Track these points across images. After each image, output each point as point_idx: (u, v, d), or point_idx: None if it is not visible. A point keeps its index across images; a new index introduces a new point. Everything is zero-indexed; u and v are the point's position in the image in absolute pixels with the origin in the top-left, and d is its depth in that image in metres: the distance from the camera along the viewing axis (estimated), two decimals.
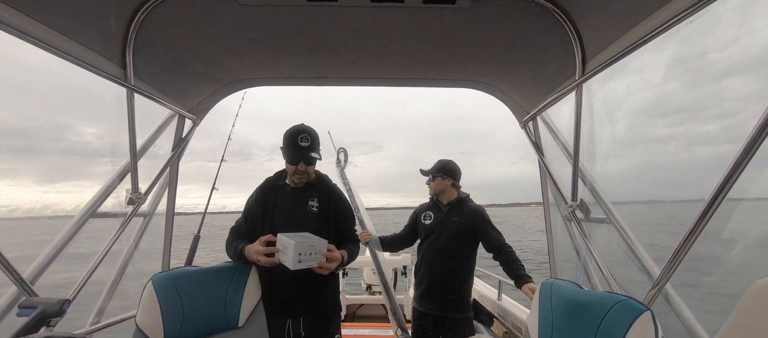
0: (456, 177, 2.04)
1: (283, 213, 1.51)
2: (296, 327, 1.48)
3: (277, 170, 1.65)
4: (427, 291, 1.97)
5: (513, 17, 1.32)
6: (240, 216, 1.61)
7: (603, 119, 1.52)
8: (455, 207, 2.00)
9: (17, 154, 2.37)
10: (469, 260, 1.97)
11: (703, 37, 1.05)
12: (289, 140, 1.46)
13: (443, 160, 2.08)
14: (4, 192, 1.50)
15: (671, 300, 1.19)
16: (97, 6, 1.20)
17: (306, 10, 1.28)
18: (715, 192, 0.93)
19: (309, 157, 1.44)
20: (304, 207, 1.52)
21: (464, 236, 1.93)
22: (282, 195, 1.55)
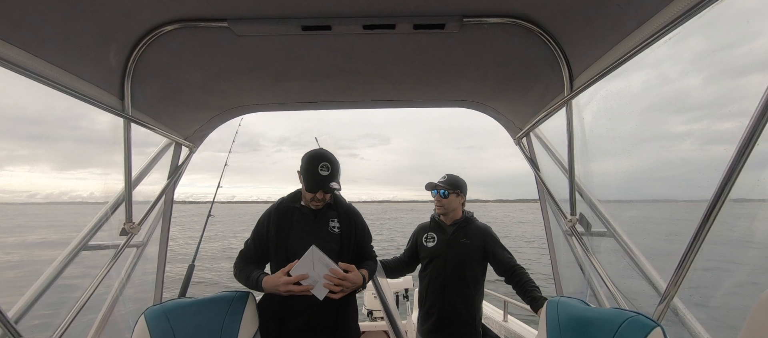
0: (466, 193, 1.87)
1: (300, 234, 1.44)
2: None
3: (291, 192, 1.59)
4: (438, 324, 1.78)
5: (500, 39, 1.37)
6: (248, 240, 1.53)
7: (594, 132, 1.55)
8: (461, 228, 1.83)
9: (35, 141, 2.30)
10: (479, 285, 1.82)
11: (687, 47, 1.09)
12: (308, 166, 1.41)
13: (454, 176, 1.86)
14: (26, 177, 1.43)
15: (681, 315, 1.16)
16: (97, 41, 1.23)
17: (301, 38, 1.32)
18: (715, 197, 0.93)
19: (328, 188, 1.39)
20: (325, 228, 1.48)
21: (474, 259, 1.78)
22: (298, 216, 1.48)
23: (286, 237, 1.44)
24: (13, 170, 43.22)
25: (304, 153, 1.51)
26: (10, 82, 1.15)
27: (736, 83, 3.32)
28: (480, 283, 1.83)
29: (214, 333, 1.36)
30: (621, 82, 1.31)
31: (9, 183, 46.23)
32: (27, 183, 44.67)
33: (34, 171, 42.97)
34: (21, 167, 41.62)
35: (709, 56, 5.26)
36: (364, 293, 4.42)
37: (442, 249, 1.85)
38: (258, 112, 2.07)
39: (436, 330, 1.79)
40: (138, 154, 1.62)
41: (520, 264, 1.76)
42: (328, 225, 1.49)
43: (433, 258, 1.87)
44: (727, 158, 0.89)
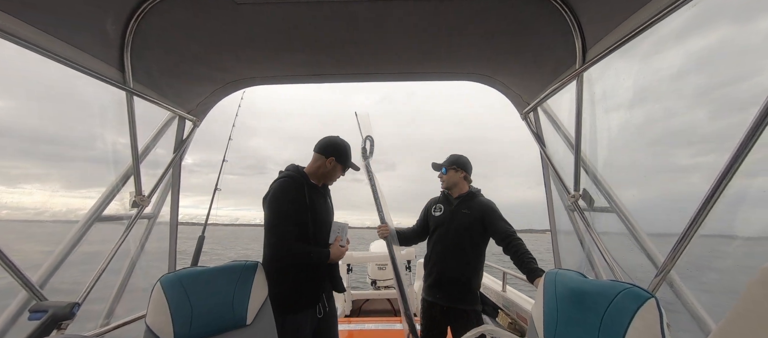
0: (468, 170, 2.05)
1: (324, 208, 1.75)
2: (322, 304, 1.71)
3: (289, 166, 1.76)
4: (437, 282, 1.98)
5: (512, 7, 1.31)
6: (281, 220, 1.56)
7: (604, 107, 1.51)
8: (465, 201, 2.01)
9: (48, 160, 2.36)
10: (478, 253, 1.97)
11: (708, 20, 1.04)
12: (346, 154, 1.76)
13: (456, 154, 2.09)
14: (36, 195, 1.54)
15: (676, 287, 1.19)
16: (92, 10, 1.19)
17: (302, 6, 1.27)
18: (720, 176, 0.92)
19: (356, 166, 1.85)
20: (330, 202, 1.83)
21: (474, 229, 1.93)
22: (314, 193, 1.72)
23: (315, 209, 1.68)
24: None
25: (328, 140, 1.75)
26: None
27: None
28: (478, 250, 1.98)
29: (227, 298, 1.44)
30: (636, 54, 1.26)
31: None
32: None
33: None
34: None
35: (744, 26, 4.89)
36: (368, 265, 4.59)
37: (446, 218, 2.02)
38: (260, 84, 2.04)
39: (435, 285, 2.00)
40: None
41: (517, 235, 1.84)
42: (328, 200, 1.82)
43: (438, 225, 2.05)
44: (740, 133, 0.87)
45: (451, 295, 1.94)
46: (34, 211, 1.51)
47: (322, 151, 1.72)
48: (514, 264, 1.81)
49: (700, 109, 1.18)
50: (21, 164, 1.49)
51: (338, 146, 1.72)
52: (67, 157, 1.65)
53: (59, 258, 1.43)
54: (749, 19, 1.01)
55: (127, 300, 1.82)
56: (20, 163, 1.48)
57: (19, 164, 1.48)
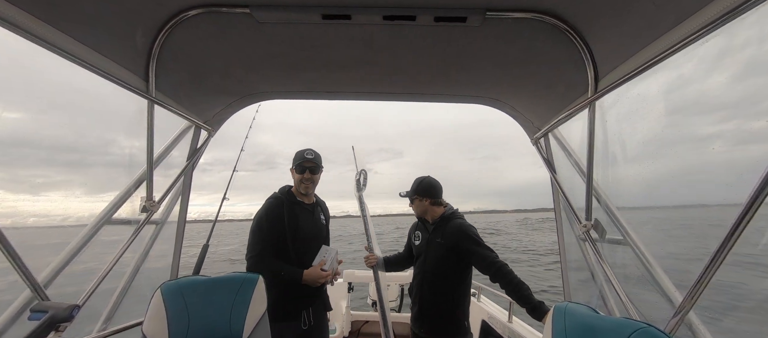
0: (433, 194, 1.95)
1: (307, 225, 1.81)
2: (308, 315, 1.79)
3: (282, 187, 1.90)
4: (419, 314, 1.93)
5: (524, 35, 1.33)
6: (256, 237, 1.71)
7: (617, 137, 1.49)
8: (439, 227, 1.91)
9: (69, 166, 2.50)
10: (459, 282, 1.86)
11: (721, 54, 1.03)
12: (298, 156, 1.85)
13: (418, 179, 2.02)
14: (60, 202, 1.61)
15: (695, 330, 1.12)
16: (125, 22, 1.27)
17: (321, 27, 1.32)
18: (742, 213, 0.88)
19: (315, 167, 1.84)
20: (319, 219, 1.89)
21: (449, 257, 1.83)
22: (300, 210, 1.83)
23: (295, 227, 1.77)
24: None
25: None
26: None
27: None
28: (460, 279, 1.86)
29: (225, 310, 1.42)
30: (650, 84, 1.25)
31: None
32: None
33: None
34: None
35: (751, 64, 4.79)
36: (370, 285, 4.48)
37: (423, 247, 1.98)
38: (275, 99, 2.10)
39: (418, 318, 1.95)
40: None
41: (501, 261, 1.71)
42: (320, 218, 1.91)
43: (417, 255, 2.03)
44: (761, 164, 0.84)
45: (433, 327, 1.87)
46: (60, 217, 1.56)
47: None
48: (509, 295, 1.69)
49: (718, 142, 1.15)
50: (44, 172, 1.55)
51: (294, 157, 1.88)
52: (87, 163, 1.71)
53: (66, 259, 1.44)
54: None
55: (127, 305, 1.81)
56: (43, 171, 1.55)
57: (42, 172, 1.54)
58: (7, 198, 1.36)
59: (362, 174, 2.37)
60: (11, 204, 1.37)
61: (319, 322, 1.85)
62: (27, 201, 1.45)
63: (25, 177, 1.48)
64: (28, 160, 1.45)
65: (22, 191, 1.46)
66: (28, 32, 1.05)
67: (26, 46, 1.08)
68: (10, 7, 1.00)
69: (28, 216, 1.43)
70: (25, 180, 1.48)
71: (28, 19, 1.05)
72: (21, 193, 1.45)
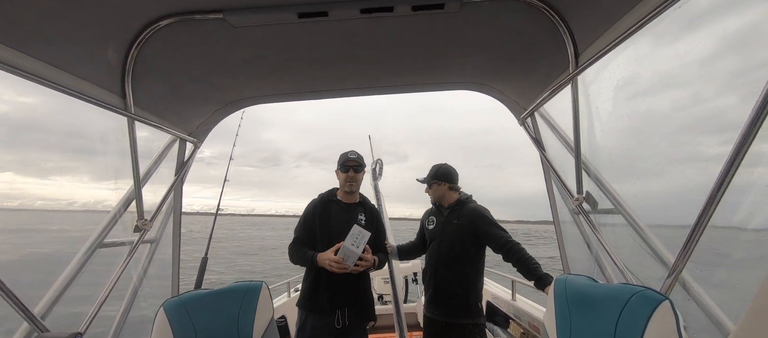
0: (451, 179, 2.03)
1: (339, 222, 1.84)
2: (343, 316, 1.77)
3: (329, 188, 2.00)
4: (434, 297, 1.95)
5: (502, 17, 1.33)
6: (297, 227, 1.90)
7: (601, 108, 1.51)
8: (455, 210, 1.98)
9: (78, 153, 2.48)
10: (474, 263, 1.92)
11: (696, 18, 1.05)
12: (342, 157, 1.89)
13: (437, 165, 2.07)
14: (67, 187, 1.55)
15: (689, 288, 1.16)
16: (94, 39, 1.23)
17: (297, 26, 1.30)
18: (727, 166, 0.91)
19: (359, 166, 1.89)
20: (355, 219, 1.88)
21: (465, 239, 1.90)
22: (337, 208, 1.89)
23: (327, 223, 1.84)
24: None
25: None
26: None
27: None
28: (474, 261, 1.92)
29: (231, 321, 1.41)
30: (629, 54, 1.27)
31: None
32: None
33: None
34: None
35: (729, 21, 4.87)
36: (375, 279, 4.52)
37: (438, 230, 2.01)
38: (259, 104, 2.07)
39: (432, 302, 1.96)
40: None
41: (514, 240, 1.81)
42: (357, 218, 1.89)
43: (432, 239, 2.04)
44: (744, 118, 0.86)
45: (449, 310, 1.89)
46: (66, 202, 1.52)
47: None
48: (519, 272, 1.78)
49: (704, 103, 1.18)
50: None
51: (340, 157, 1.93)
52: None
53: (61, 288, 1.41)
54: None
55: (130, 326, 1.78)
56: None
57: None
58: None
59: (378, 164, 2.41)
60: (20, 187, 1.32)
61: (357, 331, 1.80)
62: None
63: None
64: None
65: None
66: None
67: None
68: None
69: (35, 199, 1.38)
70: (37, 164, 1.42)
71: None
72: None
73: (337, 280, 1.72)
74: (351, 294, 1.79)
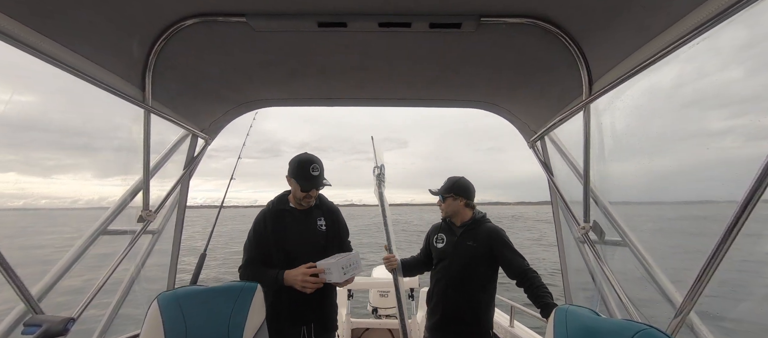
0: (469, 195, 1.85)
1: (295, 234, 1.68)
2: (309, 332, 1.65)
3: (278, 194, 1.80)
4: (441, 323, 1.81)
5: (518, 40, 1.34)
6: (246, 245, 1.70)
7: (612, 139, 1.50)
8: (470, 230, 1.82)
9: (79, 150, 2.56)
10: (487, 288, 1.79)
11: (714, 53, 1.04)
12: (300, 170, 1.63)
13: (454, 178, 1.90)
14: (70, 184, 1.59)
15: (697, 331, 1.12)
16: (120, 33, 1.27)
17: (316, 34, 1.33)
18: (738, 212, 0.88)
19: (320, 185, 1.66)
20: (314, 227, 1.72)
21: (480, 262, 1.76)
22: (290, 218, 1.70)
23: (283, 238, 1.66)
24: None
25: (291, 158, 1.70)
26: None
27: None
28: (487, 286, 1.80)
29: (223, 320, 1.40)
30: (644, 86, 1.26)
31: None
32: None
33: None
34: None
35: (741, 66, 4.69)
36: (370, 291, 4.45)
37: (448, 250, 1.86)
38: (272, 106, 2.10)
39: (439, 328, 1.82)
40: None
41: (532, 268, 1.70)
42: (316, 224, 1.73)
43: (440, 259, 1.89)
44: (757, 165, 0.84)
45: (457, 336, 1.78)
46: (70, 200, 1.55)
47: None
48: (528, 297, 1.66)
49: (715, 139, 1.16)
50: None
51: (292, 162, 1.68)
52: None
53: (61, 271, 1.42)
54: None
55: (123, 317, 1.78)
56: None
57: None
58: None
59: (382, 169, 2.26)
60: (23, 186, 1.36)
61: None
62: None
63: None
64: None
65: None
66: (23, 43, 1.05)
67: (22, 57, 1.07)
68: (6, 18, 1.00)
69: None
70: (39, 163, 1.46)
71: (24, 30, 1.05)
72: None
73: (298, 296, 1.56)
74: (315, 308, 1.66)
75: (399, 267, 1.99)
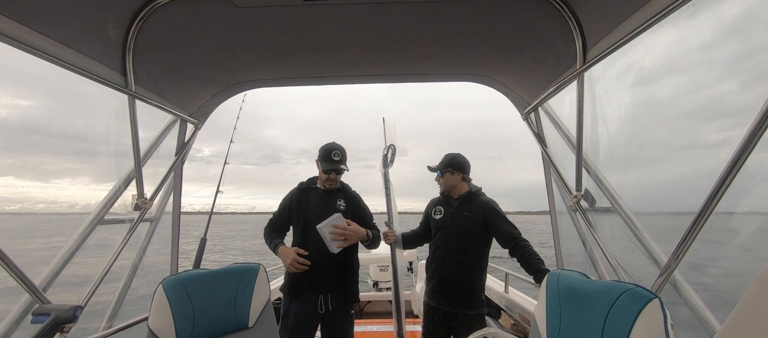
0: (465, 170, 1.99)
1: (315, 210, 1.86)
2: (326, 301, 1.79)
3: (310, 176, 2.03)
4: (439, 287, 1.95)
5: (511, 8, 1.31)
6: (275, 212, 1.97)
7: (605, 107, 1.50)
8: (466, 202, 1.96)
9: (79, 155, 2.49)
10: (481, 255, 1.92)
11: (707, 19, 1.03)
12: (324, 155, 1.87)
13: (451, 154, 2.03)
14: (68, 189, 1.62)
15: (680, 288, 1.19)
16: (94, 14, 1.20)
17: (302, 10, 1.28)
18: (724, 173, 0.91)
19: (340, 169, 1.88)
20: (334, 205, 1.91)
21: (475, 231, 1.89)
22: (314, 195, 1.92)
23: (304, 210, 1.87)
24: None
25: (320, 146, 1.92)
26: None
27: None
28: (481, 253, 1.93)
29: (229, 300, 1.44)
30: (637, 52, 1.26)
31: None
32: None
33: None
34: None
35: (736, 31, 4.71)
36: (370, 266, 4.59)
37: (446, 221, 1.98)
38: (261, 87, 2.05)
39: (437, 291, 1.97)
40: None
41: (523, 237, 1.80)
42: (336, 203, 1.91)
43: (439, 229, 2.01)
44: (743, 132, 0.86)
45: (453, 300, 1.91)
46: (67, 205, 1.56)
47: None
48: (521, 265, 1.77)
49: (705, 106, 1.17)
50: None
51: (320, 148, 1.92)
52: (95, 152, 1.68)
53: (62, 261, 1.43)
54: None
55: (130, 302, 1.82)
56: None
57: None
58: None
59: (391, 150, 2.29)
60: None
61: (340, 315, 1.83)
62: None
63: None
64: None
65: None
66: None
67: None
68: None
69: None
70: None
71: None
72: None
73: (319, 265, 1.75)
74: (334, 278, 1.82)
75: (399, 240, 2.11)
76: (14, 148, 1.37)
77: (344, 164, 1.89)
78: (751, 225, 1.07)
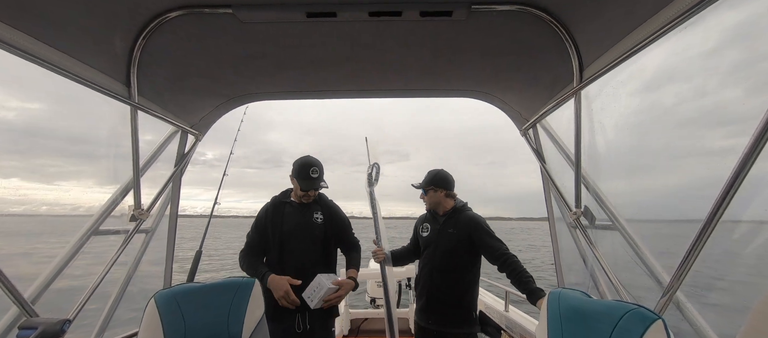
0: (448, 186, 1.98)
1: (292, 224, 1.80)
2: (303, 321, 1.75)
3: (283, 189, 1.96)
4: (426, 306, 1.92)
5: (509, 27, 1.34)
6: (250, 230, 1.87)
7: (603, 125, 1.52)
8: (451, 218, 1.94)
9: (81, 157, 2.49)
10: (469, 272, 1.89)
11: (700, 39, 1.06)
12: (300, 171, 1.81)
13: (434, 171, 2.03)
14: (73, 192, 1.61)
15: (683, 308, 1.16)
16: (102, 27, 1.23)
17: (305, 25, 1.31)
18: (724, 190, 0.91)
19: (318, 186, 1.84)
20: (310, 218, 1.84)
21: (461, 248, 1.87)
22: (290, 209, 1.85)
23: (280, 224, 1.80)
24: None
25: (295, 160, 1.87)
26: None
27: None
28: (469, 270, 1.89)
29: (222, 316, 1.40)
30: (634, 71, 1.28)
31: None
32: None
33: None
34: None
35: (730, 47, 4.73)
36: (368, 282, 4.50)
37: (432, 238, 1.98)
38: (263, 100, 2.07)
39: (425, 309, 1.94)
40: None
41: (510, 252, 1.77)
42: (312, 217, 1.86)
43: (426, 246, 2.01)
44: (742, 147, 0.86)
45: (442, 319, 1.87)
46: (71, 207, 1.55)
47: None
48: (512, 283, 1.74)
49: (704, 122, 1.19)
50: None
51: (295, 163, 1.87)
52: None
53: (53, 273, 1.40)
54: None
55: (120, 315, 1.77)
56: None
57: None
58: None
59: (375, 168, 2.30)
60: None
61: (319, 328, 1.79)
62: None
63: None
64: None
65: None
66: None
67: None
68: None
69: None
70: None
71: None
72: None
73: (296, 286, 1.67)
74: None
75: (388, 259, 2.09)
76: (20, 150, 1.37)
77: (322, 181, 1.84)
78: (757, 239, 1.06)
